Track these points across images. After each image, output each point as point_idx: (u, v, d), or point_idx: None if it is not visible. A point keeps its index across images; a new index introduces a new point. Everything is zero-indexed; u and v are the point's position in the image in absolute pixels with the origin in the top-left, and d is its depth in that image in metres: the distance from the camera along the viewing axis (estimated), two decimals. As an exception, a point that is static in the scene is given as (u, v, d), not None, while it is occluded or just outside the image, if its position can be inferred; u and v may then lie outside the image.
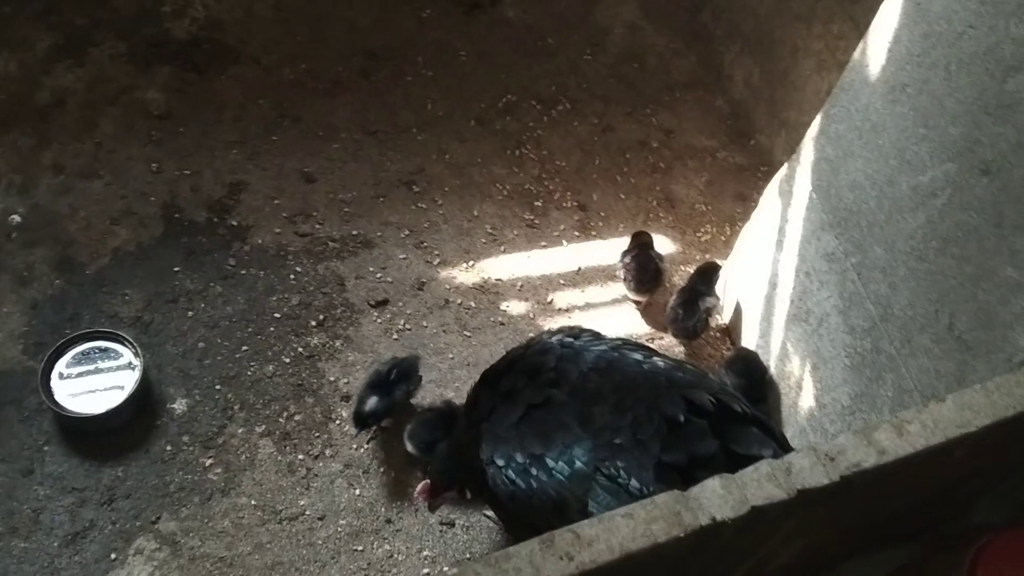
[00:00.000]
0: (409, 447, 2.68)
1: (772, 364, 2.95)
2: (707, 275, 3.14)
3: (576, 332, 2.40)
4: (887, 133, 2.27)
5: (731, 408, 2.10)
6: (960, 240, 2.06)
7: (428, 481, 2.46)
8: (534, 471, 2.09)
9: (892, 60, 2.22)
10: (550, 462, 2.07)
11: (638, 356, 2.26)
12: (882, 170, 2.30)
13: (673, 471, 1.97)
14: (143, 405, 2.70)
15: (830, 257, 2.56)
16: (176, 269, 3.00)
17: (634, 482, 1.99)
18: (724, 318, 3.28)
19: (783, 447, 2.10)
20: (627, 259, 3.14)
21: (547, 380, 2.21)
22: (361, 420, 2.66)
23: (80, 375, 2.70)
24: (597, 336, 2.40)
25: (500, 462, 2.17)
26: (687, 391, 2.09)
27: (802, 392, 2.78)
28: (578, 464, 2.05)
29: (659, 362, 2.25)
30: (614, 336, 2.45)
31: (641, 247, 3.17)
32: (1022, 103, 1.86)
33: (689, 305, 3.07)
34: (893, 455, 1.56)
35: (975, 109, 1.98)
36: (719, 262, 3.23)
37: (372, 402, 2.65)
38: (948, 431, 1.60)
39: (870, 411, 2.46)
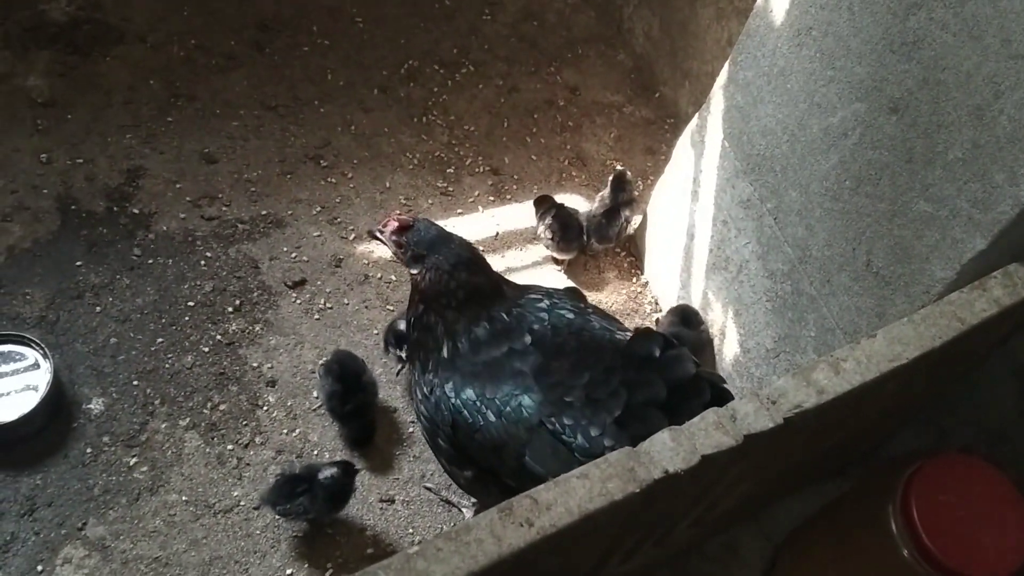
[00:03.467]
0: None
1: (694, 313, 2.99)
2: (621, 183, 3.20)
3: (558, 293, 2.43)
4: (795, 77, 2.30)
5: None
6: (873, 178, 2.11)
7: (409, 221, 2.35)
8: (484, 408, 2.14)
9: (796, 3, 2.24)
10: (500, 404, 2.12)
11: (607, 324, 2.29)
12: (792, 114, 2.34)
13: (646, 411, 1.98)
14: (57, 408, 2.57)
15: (746, 204, 2.60)
16: (78, 263, 2.86)
17: (580, 440, 2.01)
18: (644, 272, 3.31)
19: None
20: (548, 220, 3.14)
21: (527, 328, 2.23)
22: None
23: (-14, 383, 2.56)
24: (574, 298, 2.44)
25: (450, 391, 2.20)
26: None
27: (726, 339, 2.83)
28: (525, 413, 2.08)
29: (628, 335, 2.28)
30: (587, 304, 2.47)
31: (556, 207, 3.17)
32: (925, 39, 1.90)
33: (611, 214, 3.17)
34: (832, 393, 1.59)
35: (880, 48, 2.01)
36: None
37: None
38: (881, 365, 1.65)
39: (794, 352, 2.51)
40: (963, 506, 1.95)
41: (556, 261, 3.26)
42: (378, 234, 2.44)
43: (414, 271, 2.35)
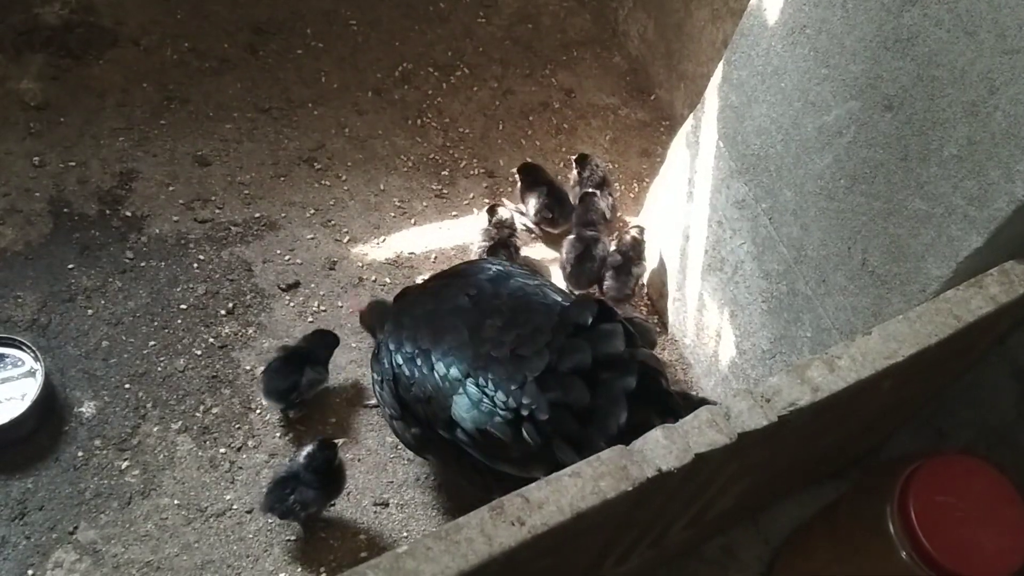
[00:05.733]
0: (271, 404, 2.67)
1: (690, 315, 2.98)
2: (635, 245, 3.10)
3: (514, 265, 2.51)
4: (789, 76, 2.29)
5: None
6: (868, 176, 2.09)
7: (369, 304, 2.72)
8: (419, 363, 2.22)
9: (790, 2, 2.23)
10: (434, 359, 2.19)
11: (557, 297, 2.32)
12: (787, 113, 2.32)
13: (569, 379, 2.00)
14: (48, 412, 2.55)
15: (741, 204, 2.59)
16: (70, 266, 2.84)
17: (500, 394, 2.06)
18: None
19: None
20: (537, 200, 3.20)
21: (465, 290, 2.32)
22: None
23: (-24, 386, 2.54)
24: (533, 273, 2.49)
25: (392, 346, 2.31)
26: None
27: (722, 340, 2.81)
28: (454, 369, 2.15)
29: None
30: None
31: (547, 185, 3.22)
32: (919, 36, 1.89)
33: (621, 271, 3.05)
34: (827, 391, 1.58)
35: (874, 45, 2.00)
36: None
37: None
38: (877, 363, 1.63)
39: (790, 353, 2.50)
40: (961, 507, 1.93)
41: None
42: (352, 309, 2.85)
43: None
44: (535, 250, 3.28)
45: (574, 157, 3.34)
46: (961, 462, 2.03)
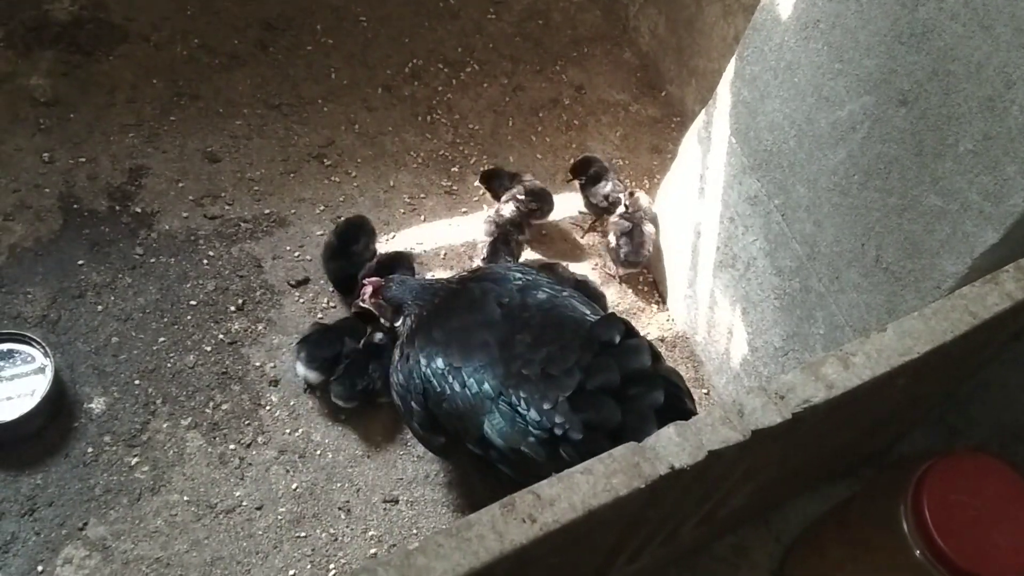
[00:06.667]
0: (309, 374, 2.66)
1: (702, 312, 2.96)
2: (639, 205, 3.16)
3: (539, 273, 2.50)
4: (802, 71, 2.27)
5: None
6: (882, 172, 2.08)
7: (381, 282, 2.62)
8: (450, 379, 2.21)
9: (803, -3, 2.22)
10: (465, 376, 2.18)
11: (585, 309, 2.31)
12: (800, 108, 2.31)
13: (598, 397, 2.01)
14: (58, 407, 2.55)
15: (753, 200, 2.57)
16: (80, 262, 2.84)
17: (533, 413, 2.05)
18: (650, 271, 3.28)
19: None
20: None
21: (496, 301, 2.31)
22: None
23: (-14, 382, 2.54)
24: (558, 281, 2.49)
25: (423, 360, 2.28)
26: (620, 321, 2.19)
27: (733, 337, 2.79)
28: (486, 385, 2.14)
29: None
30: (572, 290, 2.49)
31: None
32: (935, 30, 1.87)
33: (634, 234, 3.09)
34: (841, 388, 1.56)
35: (889, 39, 1.98)
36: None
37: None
38: (892, 360, 1.61)
39: (803, 350, 2.48)
40: (976, 505, 1.91)
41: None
42: (363, 304, 2.67)
43: (397, 324, 2.54)
44: (545, 247, 3.26)
45: (569, 168, 3.39)
46: (975, 460, 2.01)
